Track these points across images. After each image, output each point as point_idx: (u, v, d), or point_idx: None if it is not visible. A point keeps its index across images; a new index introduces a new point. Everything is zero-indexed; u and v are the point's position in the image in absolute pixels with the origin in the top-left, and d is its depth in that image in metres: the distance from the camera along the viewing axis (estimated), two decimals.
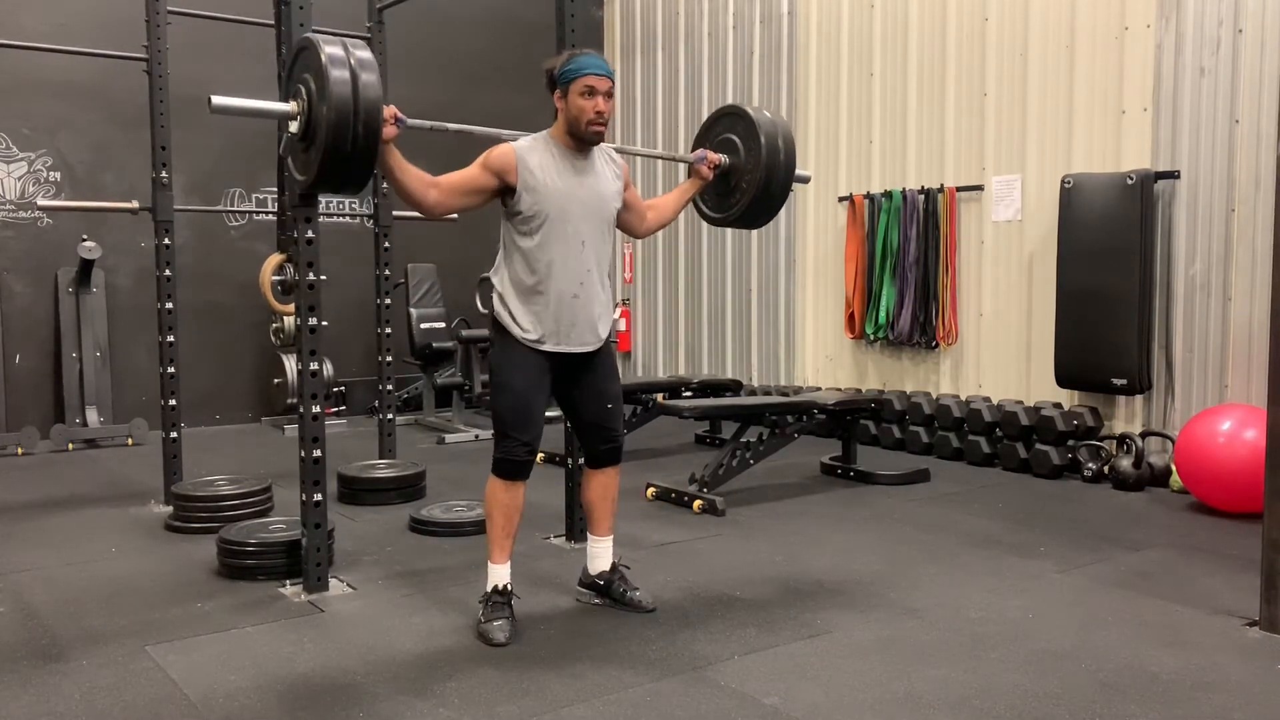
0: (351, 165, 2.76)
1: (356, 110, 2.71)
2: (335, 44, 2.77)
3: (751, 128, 3.60)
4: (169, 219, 5.03)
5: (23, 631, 3.30)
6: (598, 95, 3.13)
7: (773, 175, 3.59)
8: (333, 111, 2.69)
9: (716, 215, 3.78)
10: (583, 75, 3.12)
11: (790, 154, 3.61)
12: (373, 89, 2.73)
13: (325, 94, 2.70)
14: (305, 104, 2.81)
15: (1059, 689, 2.79)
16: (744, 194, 3.64)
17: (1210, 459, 4.67)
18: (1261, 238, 5.02)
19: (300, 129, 2.84)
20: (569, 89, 3.14)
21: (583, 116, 3.14)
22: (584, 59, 3.16)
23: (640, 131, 9.00)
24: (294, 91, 2.86)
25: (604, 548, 3.53)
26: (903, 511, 4.92)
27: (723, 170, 3.64)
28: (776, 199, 3.66)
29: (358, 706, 2.71)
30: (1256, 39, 5.04)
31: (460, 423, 7.47)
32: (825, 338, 7.40)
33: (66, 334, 7.14)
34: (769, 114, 3.67)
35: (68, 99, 7.19)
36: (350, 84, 2.70)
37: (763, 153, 3.56)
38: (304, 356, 3.64)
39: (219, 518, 4.46)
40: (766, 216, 3.76)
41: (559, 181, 3.17)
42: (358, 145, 2.73)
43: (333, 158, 2.73)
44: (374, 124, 2.75)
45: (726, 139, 3.69)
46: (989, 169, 6.25)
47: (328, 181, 2.82)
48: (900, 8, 6.73)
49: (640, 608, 3.45)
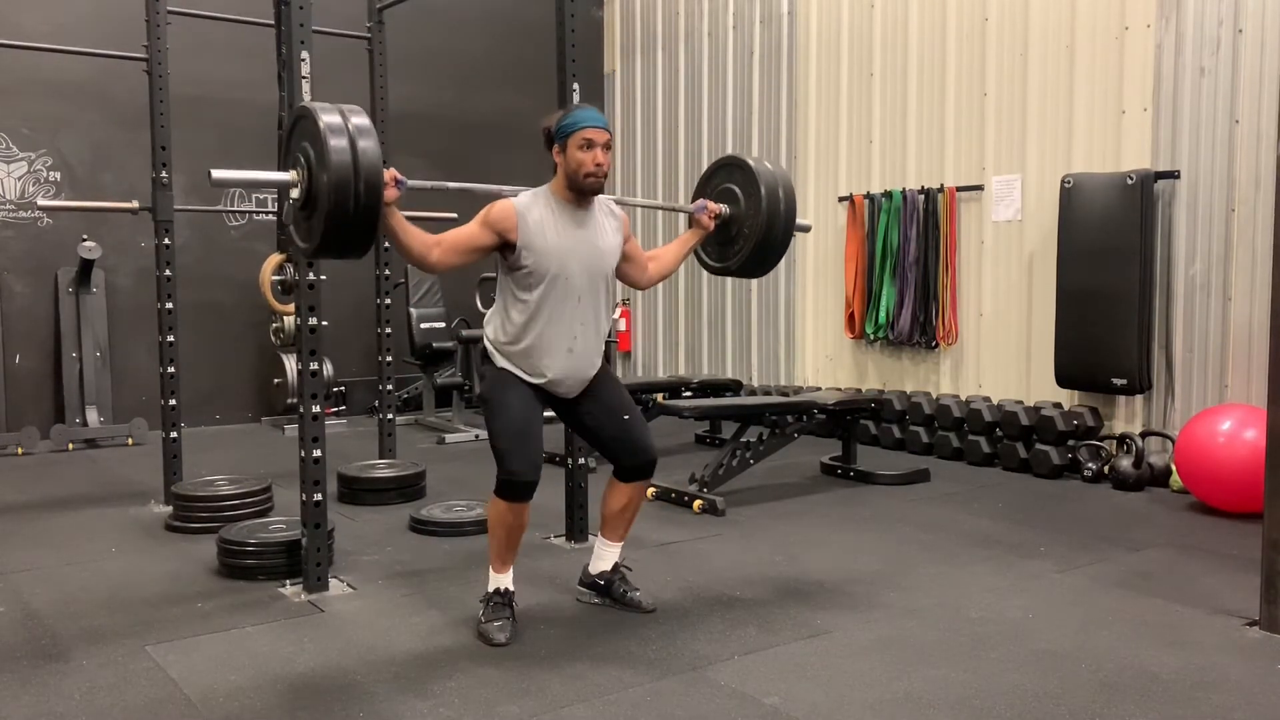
0: (354, 230, 2.77)
1: (357, 176, 2.71)
2: (333, 112, 2.78)
3: (751, 178, 3.60)
4: (169, 219, 5.03)
5: (23, 631, 3.30)
6: (595, 148, 3.14)
7: (773, 225, 3.58)
8: (333, 178, 2.70)
9: (717, 265, 3.79)
10: (580, 129, 3.13)
11: (790, 203, 3.62)
12: (372, 154, 2.74)
13: (325, 162, 2.71)
14: (305, 172, 2.81)
15: (1059, 689, 2.79)
16: (745, 243, 3.64)
17: (1210, 459, 4.67)
18: (1261, 238, 5.02)
19: (301, 197, 2.84)
20: (567, 143, 3.15)
21: (581, 169, 3.14)
22: (581, 113, 3.18)
23: (640, 133, 9.00)
24: (293, 160, 2.87)
25: (612, 551, 3.53)
26: (903, 511, 4.92)
27: (723, 220, 3.65)
28: (777, 248, 3.66)
29: (358, 706, 2.71)
30: (1256, 39, 5.04)
31: (460, 423, 7.46)
32: (825, 338, 7.40)
33: (66, 334, 7.14)
34: (769, 164, 3.68)
35: (68, 99, 7.19)
36: (349, 151, 2.71)
37: (763, 203, 3.56)
38: (304, 356, 3.64)
39: (219, 518, 4.46)
40: (768, 266, 3.76)
41: (558, 238, 3.16)
42: (359, 210, 2.73)
43: (335, 224, 2.74)
44: (375, 189, 2.75)
45: (727, 189, 3.69)
46: (989, 169, 6.25)
47: (331, 247, 2.82)
48: (900, 8, 6.73)
49: (639, 608, 3.45)
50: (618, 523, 3.49)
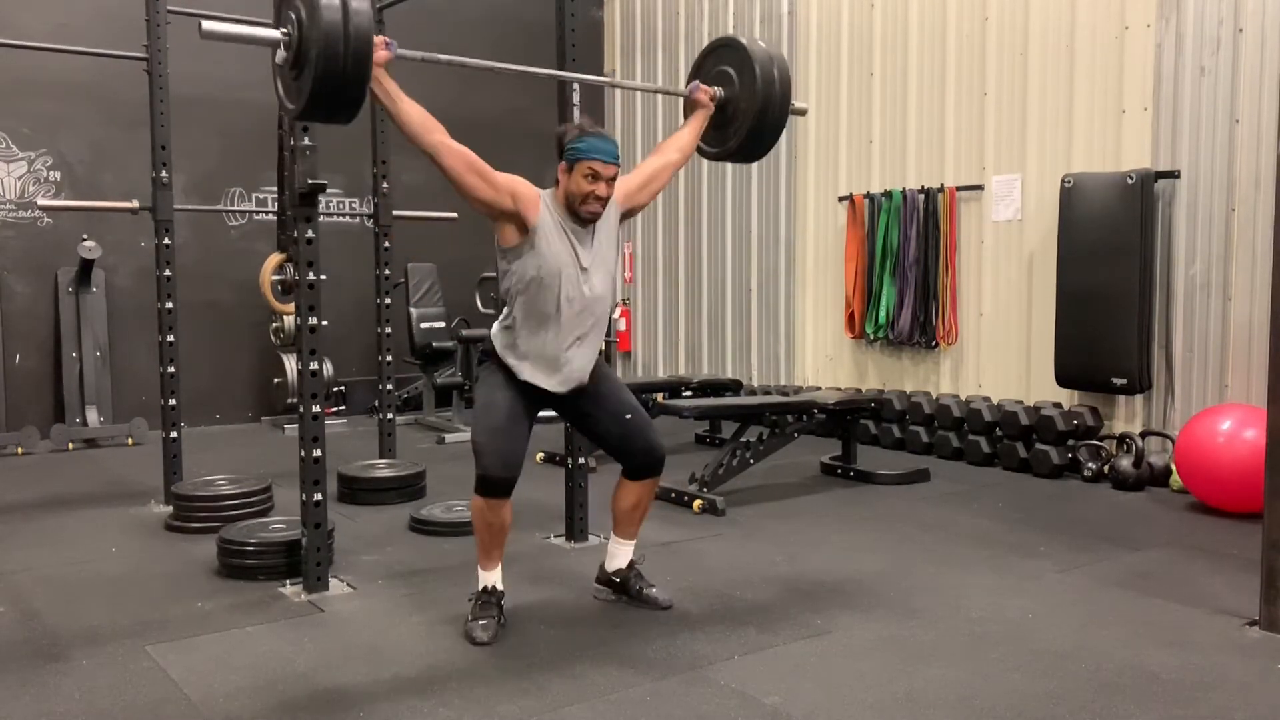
0: (343, 89, 2.72)
1: (347, 30, 2.67)
2: None
3: (746, 59, 3.56)
4: (169, 218, 5.03)
5: (23, 631, 3.30)
6: (600, 180, 3.13)
7: (769, 104, 3.55)
8: (322, 32, 2.65)
9: (714, 149, 3.75)
10: (589, 159, 3.11)
11: (786, 84, 3.58)
12: (363, 13, 2.70)
13: (314, 16, 2.67)
14: (295, 29, 2.77)
15: (1059, 689, 2.79)
16: (741, 125, 3.60)
17: (1210, 459, 4.67)
18: (1261, 238, 5.02)
19: (290, 55, 2.79)
20: (573, 166, 3.13)
21: (580, 196, 3.13)
22: (594, 141, 3.14)
23: (640, 133, 9.00)
24: (284, 18, 2.83)
25: (625, 548, 3.53)
26: (903, 511, 4.92)
27: (719, 102, 3.62)
28: (773, 128, 3.63)
29: (358, 706, 2.71)
30: (1256, 38, 5.04)
31: (460, 422, 7.46)
32: (825, 337, 7.40)
33: (66, 334, 7.14)
34: (764, 44, 3.64)
35: (68, 99, 7.19)
36: (340, 5, 2.68)
37: (758, 83, 3.52)
38: (304, 356, 3.64)
39: (219, 517, 4.46)
40: (765, 147, 3.72)
41: (563, 243, 3.16)
42: (349, 68, 2.68)
43: (324, 81, 2.69)
44: (365, 44, 2.71)
45: (722, 71, 3.65)
46: (989, 169, 6.25)
47: (319, 108, 2.77)
48: (900, 8, 6.73)
49: (656, 604, 3.45)
50: (629, 521, 3.49)
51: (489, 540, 3.24)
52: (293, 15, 2.78)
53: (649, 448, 3.38)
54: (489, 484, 3.15)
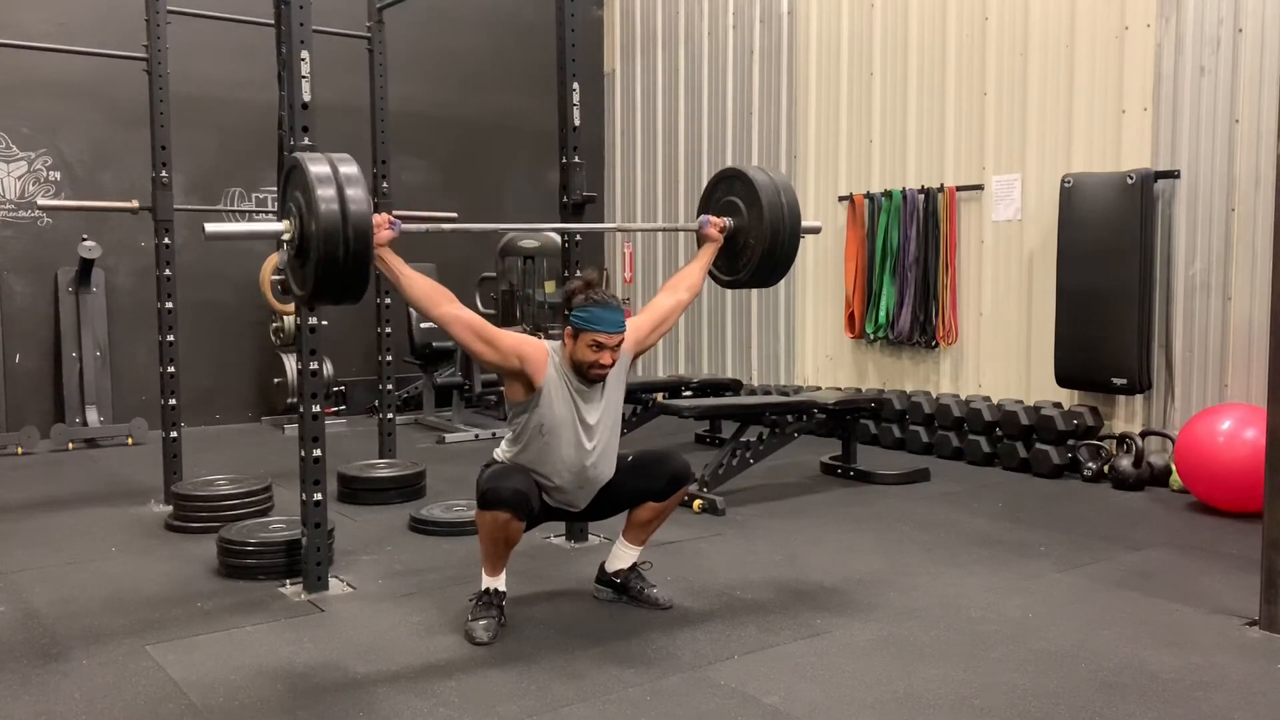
0: (345, 276, 2.80)
1: (345, 223, 2.75)
2: (321, 162, 2.83)
3: (750, 188, 3.61)
4: (169, 218, 5.03)
5: (23, 631, 3.30)
6: (604, 350, 3.18)
7: (778, 233, 3.59)
8: (321, 227, 2.74)
9: (729, 278, 3.80)
10: (593, 331, 3.17)
11: (793, 209, 3.62)
12: (359, 202, 2.78)
13: (313, 211, 2.76)
14: (297, 221, 2.86)
15: (1059, 689, 2.79)
16: (752, 254, 3.64)
17: (1210, 458, 4.67)
18: (1261, 237, 5.02)
19: (294, 245, 2.89)
20: (578, 335, 3.19)
21: (585, 363, 3.20)
22: (598, 312, 3.18)
23: (640, 134, 9.00)
24: (285, 211, 2.92)
25: (631, 552, 3.53)
26: (903, 511, 4.92)
27: (729, 232, 3.66)
28: (785, 256, 3.66)
29: (358, 706, 2.71)
30: (1256, 38, 5.04)
31: (460, 422, 7.46)
32: (825, 337, 7.40)
33: (66, 334, 7.14)
34: (768, 172, 3.68)
35: (67, 98, 7.19)
36: (337, 200, 2.76)
37: (765, 211, 3.56)
38: (304, 356, 3.64)
39: (219, 517, 4.46)
40: (779, 273, 3.75)
41: (567, 403, 3.23)
42: (349, 257, 2.77)
43: (326, 271, 2.78)
44: (363, 235, 2.79)
45: (729, 201, 3.70)
46: (989, 169, 6.24)
47: (325, 293, 2.86)
48: (900, 8, 6.73)
49: (656, 604, 3.46)
50: (644, 530, 3.51)
51: (493, 550, 3.24)
52: (293, 208, 2.87)
53: (667, 469, 3.42)
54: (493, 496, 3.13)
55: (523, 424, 3.26)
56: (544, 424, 3.21)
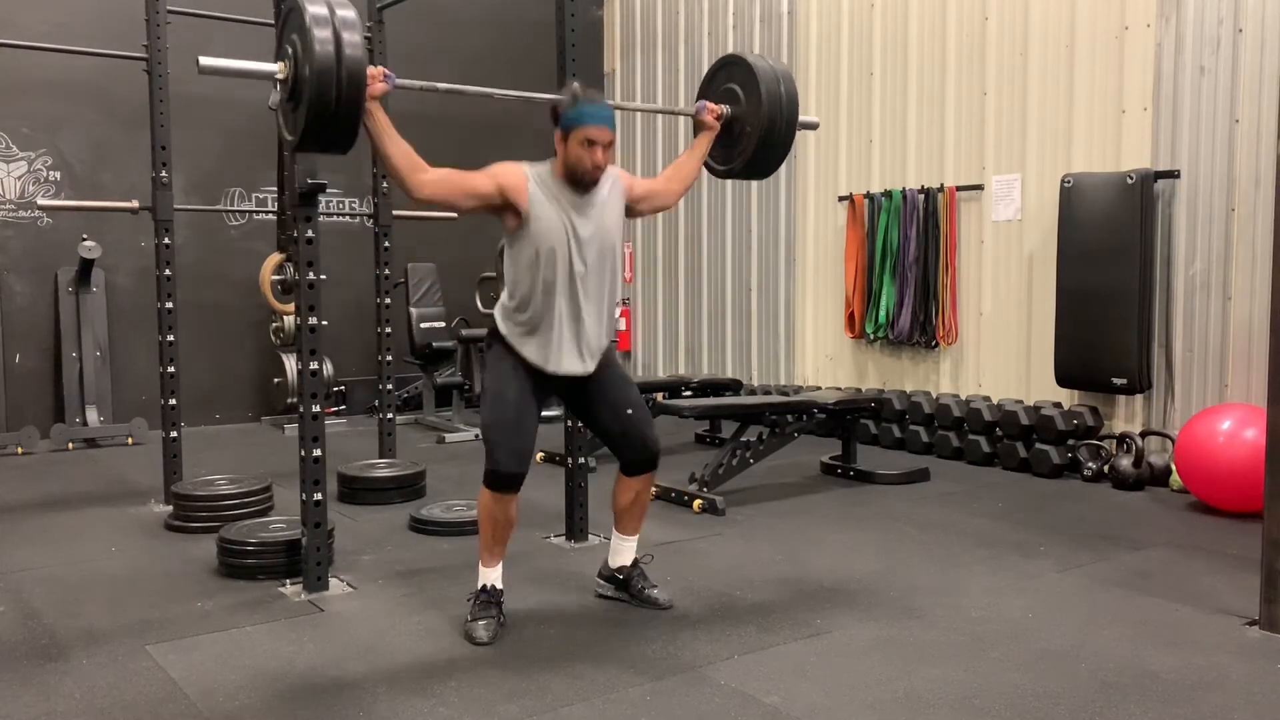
0: (337, 121, 2.78)
1: (339, 65, 2.73)
2: (319, 3, 2.80)
3: (751, 75, 3.57)
4: (169, 218, 5.03)
5: (23, 631, 3.30)
6: (596, 147, 3.12)
7: (775, 121, 3.56)
8: (315, 68, 2.72)
9: (722, 167, 3.77)
10: (584, 126, 3.10)
11: (792, 99, 3.59)
12: (355, 46, 2.76)
13: (308, 52, 2.74)
14: (292, 63, 2.84)
15: (1059, 689, 2.79)
16: (748, 142, 3.62)
17: (1210, 458, 4.67)
18: (1261, 237, 5.02)
19: (287, 88, 2.87)
20: (569, 135, 3.13)
21: (579, 165, 3.13)
22: (588, 109, 3.14)
23: (640, 133, 9.00)
24: (281, 53, 2.90)
25: (628, 545, 3.54)
26: (903, 511, 4.92)
27: (726, 120, 3.63)
28: (780, 146, 3.64)
29: (357, 706, 2.71)
30: (1256, 38, 5.04)
31: (460, 422, 7.46)
32: (825, 337, 7.40)
33: (66, 333, 7.14)
34: (770, 60, 3.65)
35: (67, 98, 7.19)
36: (333, 41, 2.74)
37: (763, 99, 3.53)
38: (304, 356, 3.64)
39: (219, 517, 4.46)
40: (772, 164, 3.73)
41: (559, 217, 3.15)
42: (341, 102, 2.75)
43: (317, 114, 2.76)
44: (357, 80, 2.76)
45: (728, 89, 3.67)
46: (989, 168, 6.24)
47: (314, 138, 2.84)
48: (900, 8, 6.73)
49: (656, 605, 3.46)
50: (629, 517, 3.50)
51: (493, 536, 3.25)
52: (289, 50, 2.85)
53: (646, 443, 3.39)
54: (501, 479, 3.16)
55: (519, 256, 3.17)
56: (539, 241, 3.12)
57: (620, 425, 3.37)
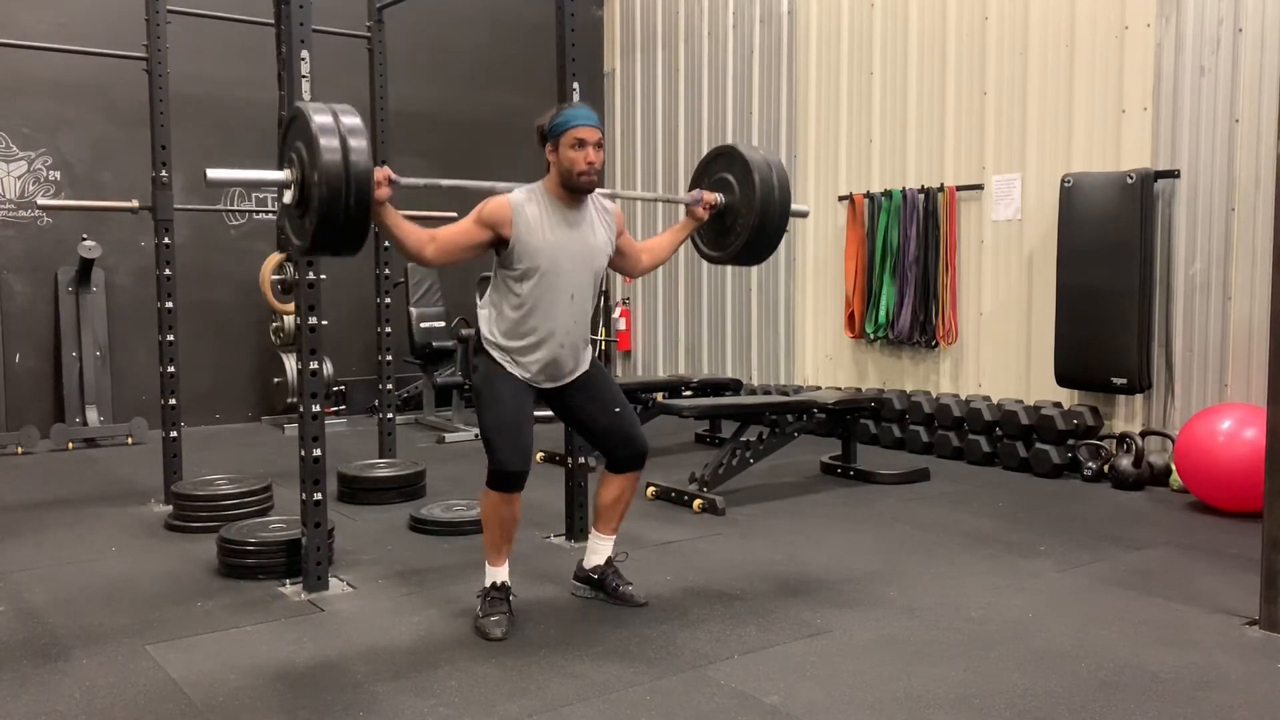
0: (346, 228, 2.80)
1: (348, 175, 2.75)
2: (325, 112, 2.81)
3: (745, 167, 3.61)
4: (169, 218, 5.03)
5: (23, 631, 3.30)
6: (587, 146, 3.17)
7: (768, 214, 3.59)
8: (324, 177, 2.73)
9: (714, 254, 3.80)
10: (572, 128, 3.16)
11: (785, 191, 3.63)
12: (362, 154, 2.78)
13: (316, 161, 2.75)
14: (298, 171, 2.85)
15: (1059, 688, 2.79)
16: (740, 233, 3.65)
17: (1210, 458, 4.67)
18: (1261, 237, 5.02)
19: (295, 196, 2.88)
20: (559, 142, 3.18)
21: (574, 168, 3.17)
22: (572, 112, 3.22)
23: (640, 132, 9.00)
24: (287, 160, 2.91)
25: (605, 544, 3.55)
26: (903, 511, 4.92)
27: (719, 210, 3.66)
28: (772, 237, 3.67)
29: (358, 705, 2.71)
30: (1256, 38, 5.04)
31: (460, 422, 7.46)
32: (825, 337, 7.40)
33: (66, 333, 7.14)
34: (763, 153, 3.69)
35: (67, 98, 7.19)
36: (340, 150, 2.75)
37: (757, 192, 3.57)
38: (304, 355, 3.64)
39: (219, 517, 4.46)
40: (763, 255, 3.76)
41: (551, 235, 3.20)
42: (350, 209, 2.77)
43: (327, 222, 2.77)
44: (365, 188, 2.79)
45: (722, 178, 3.70)
46: (989, 168, 6.25)
47: (324, 245, 2.86)
48: (900, 8, 6.73)
49: (631, 601, 3.47)
50: (610, 515, 3.52)
51: (499, 535, 3.27)
52: (294, 158, 2.86)
53: (632, 440, 3.43)
54: (506, 477, 3.19)
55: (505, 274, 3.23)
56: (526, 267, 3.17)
57: (607, 422, 3.41)
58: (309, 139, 2.77)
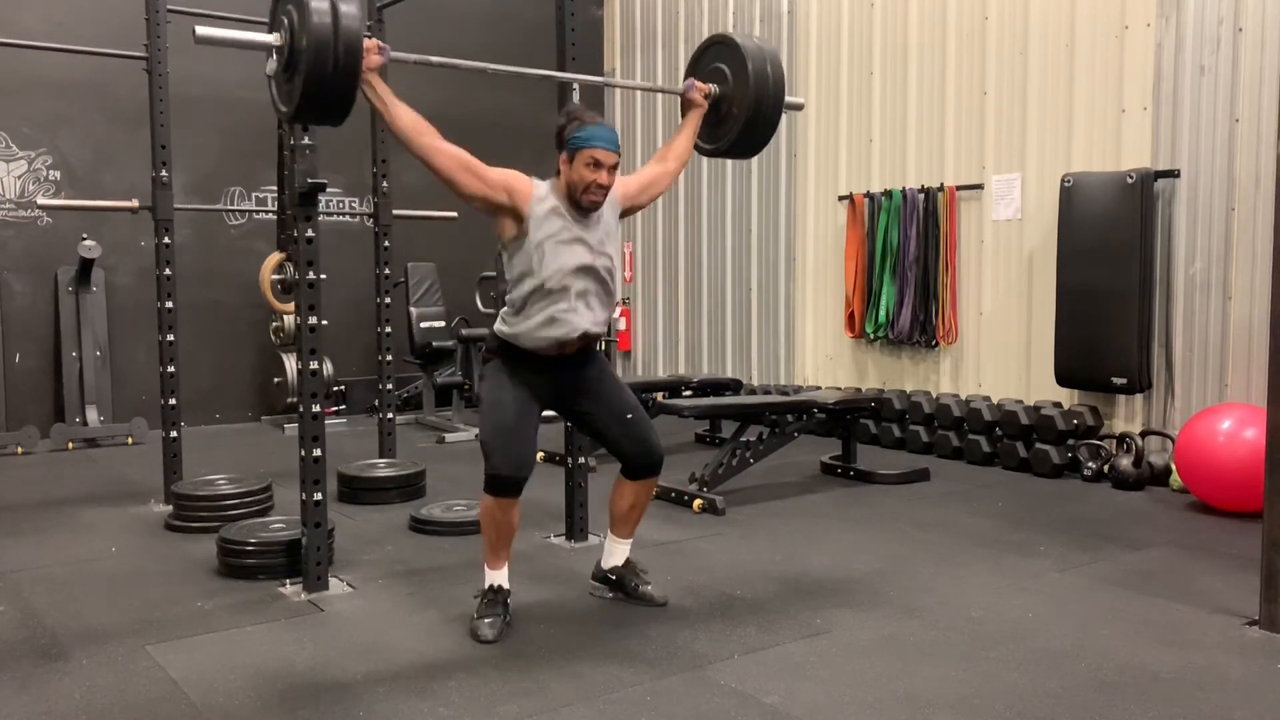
0: (333, 92, 2.77)
1: (336, 36, 2.72)
2: None
3: (738, 55, 3.59)
4: (169, 218, 5.03)
5: (23, 631, 3.30)
6: (602, 169, 3.13)
7: (762, 100, 3.57)
8: (312, 39, 2.71)
9: (710, 146, 3.77)
10: (590, 148, 3.12)
11: (779, 79, 3.61)
12: (352, 17, 2.75)
13: (305, 23, 2.73)
14: (288, 34, 2.82)
15: (1059, 688, 2.79)
16: (735, 121, 3.63)
17: (1210, 458, 4.67)
18: (1261, 237, 5.02)
19: (283, 59, 2.85)
20: (575, 156, 3.13)
21: (582, 185, 3.14)
22: (595, 130, 3.15)
23: (640, 132, 9.00)
24: (276, 23, 2.89)
25: (623, 546, 3.55)
26: (903, 511, 4.92)
27: (714, 99, 3.64)
28: (767, 125, 3.65)
29: (358, 706, 2.71)
30: (1256, 37, 5.04)
31: (460, 422, 7.46)
32: (825, 337, 7.40)
33: (66, 333, 7.14)
34: (756, 40, 3.68)
35: (67, 98, 7.19)
36: (330, 11, 2.73)
37: (751, 78, 3.55)
38: (304, 355, 3.64)
39: (219, 517, 4.46)
40: (759, 143, 3.74)
41: (559, 234, 3.16)
42: (338, 71, 2.74)
43: (313, 83, 2.74)
44: (354, 49, 2.75)
45: (716, 68, 3.68)
46: (989, 168, 6.24)
47: (309, 109, 2.83)
48: (900, 7, 6.72)
49: (652, 601, 3.47)
50: (626, 521, 3.51)
51: (497, 540, 3.25)
52: (285, 20, 2.83)
53: (648, 449, 3.39)
54: (501, 483, 3.14)
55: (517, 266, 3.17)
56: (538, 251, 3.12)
57: (620, 429, 3.37)
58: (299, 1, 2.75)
